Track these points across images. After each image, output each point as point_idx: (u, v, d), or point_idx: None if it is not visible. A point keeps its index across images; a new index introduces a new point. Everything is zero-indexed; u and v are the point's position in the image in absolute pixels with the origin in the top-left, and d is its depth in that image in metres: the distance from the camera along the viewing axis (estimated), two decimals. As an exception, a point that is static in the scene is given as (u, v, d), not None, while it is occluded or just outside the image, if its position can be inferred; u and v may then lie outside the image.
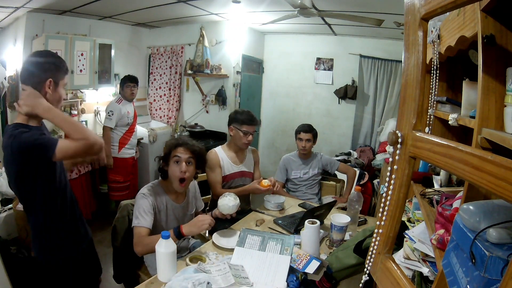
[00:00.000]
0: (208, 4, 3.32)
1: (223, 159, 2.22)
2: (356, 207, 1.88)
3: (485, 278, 0.48)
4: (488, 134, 0.69)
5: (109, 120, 3.20)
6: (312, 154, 2.73)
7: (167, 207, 1.70)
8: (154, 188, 1.68)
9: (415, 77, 0.70)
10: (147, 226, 1.54)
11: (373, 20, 2.66)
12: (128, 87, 3.31)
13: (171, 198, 1.72)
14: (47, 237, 1.37)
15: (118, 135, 3.30)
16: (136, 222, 1.54)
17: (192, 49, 4.29)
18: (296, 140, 2.68)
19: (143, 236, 1.51)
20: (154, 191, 1.66)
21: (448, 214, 0.80)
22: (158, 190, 1.69)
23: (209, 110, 4.44)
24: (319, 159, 2.71)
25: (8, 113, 3.59)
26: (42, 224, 1.36)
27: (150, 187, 1.67)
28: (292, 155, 2.75)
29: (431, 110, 1.33)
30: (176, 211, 1.73)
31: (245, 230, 1.54)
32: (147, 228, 1.54)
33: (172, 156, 1.67)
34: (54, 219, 1.37)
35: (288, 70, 4.86)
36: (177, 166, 1.65)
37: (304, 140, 2.61)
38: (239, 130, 2.18)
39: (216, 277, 1.23)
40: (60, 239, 1.39)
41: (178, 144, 1.69)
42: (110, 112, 3.19)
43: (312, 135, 2.63)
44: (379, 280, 0.77)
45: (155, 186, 1.70)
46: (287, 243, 1.44)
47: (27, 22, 3.22)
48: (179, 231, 1.50)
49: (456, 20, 0.99)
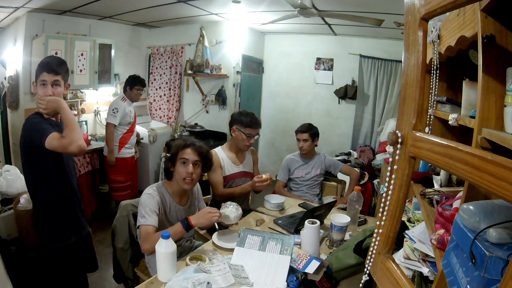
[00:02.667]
0: (208, 4, 3.32)
1: (224, 160, 2.22)
2: (356, 207, 1.88)
3: (485, 278, 0.48)
4: (488, 134, 0.69)
5: (114, 117, 3.17)
6: (315, 155, 2.72)
7: (171, 208, 1.69)
8: (159, 189, 1.67)
9: (415, 77, 0.70)
10: (154, 224, 1.53)
11: (373, 20, 2.66)
12: (138, 90, 3.31)
13: (175, 200, 1.71)
14: (45, 222, 1.57)
15: (118, 134, 3.27)
16: (143, 221, 1.53)
17: (192, 49, 4.30)
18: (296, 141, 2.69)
19: (151, 233, 1.50)
20: (159, 191, 1.66)
21: (448, 214, 0.80)
22: (163, 191, 1.68)
23: (209, 110, 4.44)
24: (322, 160, 2.70)
25: (8, 113, 3.59)
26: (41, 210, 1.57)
27: (156, 188, 1.66)
28: (294, 155, 2.75)
29: (431, 110, 1.33)
30: (179, 213, 1.72)
31: (245, 230, 1.54)
32: (154, 227, 1.53)
33: (179, 157, 1.65)
34: (53, 206, 1.56)
35: (288, 70, 4.86)
36: (183, 167, 1.63)
37: (301, 140, 2.62)
38: (242, 132, 2.17)
39: (216, 277, 1.23)
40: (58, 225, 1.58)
41: (186, 145, 1.66)
42: (115, 109, 3.16)
43: (309, 135, 2.61)
44: (379, 280, 0.77)
45: (159, 187, 1.69)
46: (287, 243, 1.44)
47: (27, 22, 3.22)
48: (188, 222, 1.50)
49: (456, 20, 0.98)
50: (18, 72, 3.35)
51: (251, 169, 2.39)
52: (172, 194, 1.71)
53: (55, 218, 1.57)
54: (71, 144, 1.39)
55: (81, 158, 3.27)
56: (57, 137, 1.40)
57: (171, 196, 1.70)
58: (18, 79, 3.34)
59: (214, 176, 2.17)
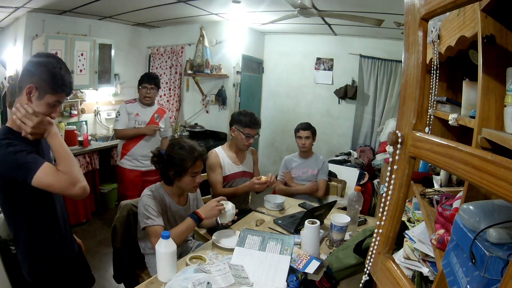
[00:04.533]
0: (208, 4, 3.32)
1: (224, 159, 2.22)
2: (356, 207, 1.88)
3: (485, 278, 0.48)
4: (488, 134, 0.69)
5: (116, 121, 2.92)
6: (313, 154, 2.74)
7: (171, 209, 1.70)
8: (157, 191, 1.67)
9: (415, 77, 0.70)
10: (161, 224, 1.55)
11: (373, 20, 2.66)
12: (145, 88, 2.87)
13: (174, 200, 1.72)
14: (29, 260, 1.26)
15: (123, 140, 2.96)
16: (150, 222, 1.53)
17: (192, 49, 4.29)
18: (296, 139, 2.71)
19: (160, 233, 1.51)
20: (158, 192, 1.66)
21: (448, 214, 0.80)
22: (161, 191, 1.69)
23: (209, 110, 4.44)
24: (320, 160, 2.72)
25: (8, 113, 3.59)
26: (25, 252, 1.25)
27: (154, 189, 1.67)
28: (293, 155, 2.79)
29: (431, 110, 1.33)
30: (178, 213, 1.73)
31: (245, 230, 1.54)
32: (162, 226, 1.54)
33: (190, 172, 1.60)
34: (38, 247, 1.25)
35: (288, 70, 4.86)
36: (193, 179, 1.63)
37: (303, 137, 2.65)
38: (241, 132, 2.18)
39: (216, 277, 1.23)
40: (45, 260, 1.27)
41: (195, 158, 1.60)
42: (118, 112, 2.92)
43: (311, 132, 2.67)
44: (379, 280, 0.77)
45: (158, 188, 1.69)
46: (287, 243, 1.44)
47: (27, 22, 3.23)
48: (198, 216, 1.54)
49: (456, 20, 0.98)
50: (18, 72, 3.35)
51: (251, 169, 2.39)
52: (171, 195, 1.71)
53: (41, 256, 1.27)
54: (73, 185, 1.08)
55: (81, 158, 3.27)
56: (52, 172, 1.07)
57: (170, 197, 1.71)
58: (18, 79, 3.34)
59: (214, 175, 2.17)
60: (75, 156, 3.14)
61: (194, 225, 1.56)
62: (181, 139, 1.69)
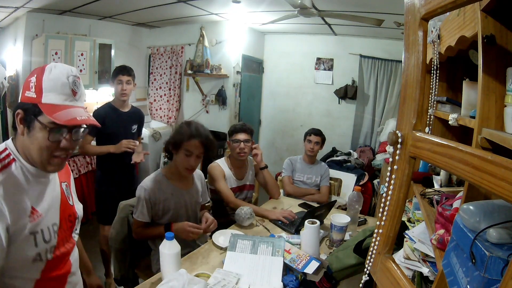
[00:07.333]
0: (208, 4, 3.32)
1: (226, 172, 2.18)
2: (356, 207, 1.88)
3: (485, 278, 0.48)
4: (488, 134, 0.69)
5: None
6: (317, 161, 2.76)
7: (173, 194, 1.67)
8: (156, 179, 1.66)
9: (415, 77, 0.70)
10: (145, 220, 1.63)
11: (373, 20, 2.66)
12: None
13: (177, 186, 1.70)
14: None
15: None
16: (135, 215, 1.64)
17: (192, 49, 4.29)
18: (305, 142, 2.71)
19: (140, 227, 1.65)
20: (157, 182, 1.64)
21: (448, 214, 0.80)
22: (161, 179, 1.66)
23: (209, 110, 4.44)
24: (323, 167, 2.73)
25: (8, 113, 3.59)
26: None
27: (153, 179, 1.65)
28: (297, 157, 2.78)
29: (431, 110, 1.33)
30: (184, 197, 1.71)
31: (235, 235, 1.53)
32: (143, 222, 1.63)
33: (183, 147, 1.59)
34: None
35: (288, 70, 4.86)
36: (186, 158, 1.61)
37: (313, 142, 2.66)
38: (231, 140, 2.17)
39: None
40: None
41: (193, 136, 1.59)
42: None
43: (321, 139, 2.69)
44: (379, 280, 0.77)
45: (157, 176, 1.68)
46: (277, 245, 1.45)
47: (27, 22, 3.23)
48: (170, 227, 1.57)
49: (456, 20, 0.98)
50: (18, 72, 3.35)
51: (253, 181, 2.36)
52: (172, 180, 1.69)
53: None
54: None
55: (81, 158, 3.28)
56: None
57: (172, 183, 1.68)
58: (18, 79, 3.34)
59: (222, 185, 2.10)
60: (75, 156, 3.17)
61: (162, 232, 1.53)
62: (194, 121, 1.72)
